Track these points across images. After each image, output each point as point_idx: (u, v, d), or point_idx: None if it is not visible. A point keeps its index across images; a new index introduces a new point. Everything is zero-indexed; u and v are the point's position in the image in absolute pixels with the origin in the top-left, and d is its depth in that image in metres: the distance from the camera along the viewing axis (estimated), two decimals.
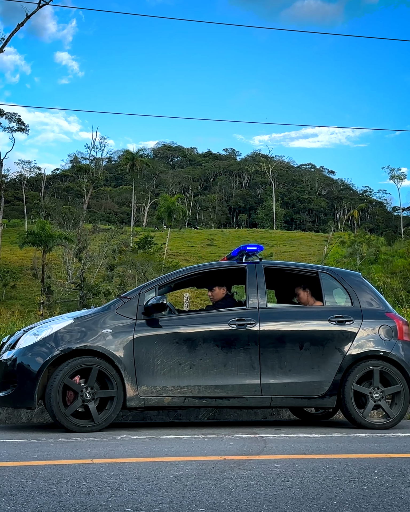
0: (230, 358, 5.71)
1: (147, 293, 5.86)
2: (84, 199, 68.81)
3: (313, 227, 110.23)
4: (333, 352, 5.91)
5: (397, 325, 6.16)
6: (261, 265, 6.26)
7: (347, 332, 5.99)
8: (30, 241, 42.88)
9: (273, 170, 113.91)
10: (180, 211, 67.97)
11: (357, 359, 5.92)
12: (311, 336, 5.92)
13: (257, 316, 5.87)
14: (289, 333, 5.90)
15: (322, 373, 5.85)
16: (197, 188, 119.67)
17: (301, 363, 5.83)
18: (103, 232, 57.64)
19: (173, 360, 5.62)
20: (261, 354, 5.76)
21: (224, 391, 5.66)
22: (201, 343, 5.70)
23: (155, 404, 5.56)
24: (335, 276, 6.41)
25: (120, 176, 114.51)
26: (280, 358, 5.81)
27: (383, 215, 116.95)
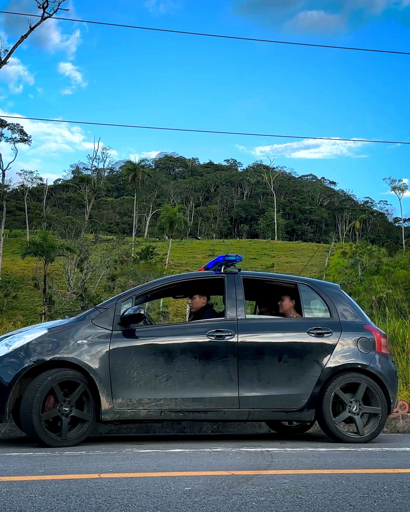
0: (207, 370, 5.62)
1: (124, 303, 5.74)
2: (86, 210, 68.98)
3: (315, 237, 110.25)
4: (312, 365, 5.84)
5: (375, 337, 6.11)
6: (240, 275, 6.17)
7: (326, 344, 5.92)
8: (32, 252, 42.91)
9: (274, 180, 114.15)
10: (182, 221, 68.04)
11: (336, 372, 5.86)
12: (290, 348, 5.85)
13: (235, 327, 5.78)
14: (268, 345, 5.83)
15: (300, 386, 5.77)
16: (198, 198, 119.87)
17: (279, 375, 5.76)
18: (104, 243, 57.64)
19: (150, 372, 5.51)
20: (239, 366, 5.68)
21: (201, 404, 5.57)
22: (179, 354, 5.61)
23: (131, 417, 5.45)
24: (314, 287, 6.34)
25: (122, 186, 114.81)
26: (259, 370, 5.73)
27: (385, 226, 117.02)
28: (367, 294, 49.09)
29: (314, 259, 73.50)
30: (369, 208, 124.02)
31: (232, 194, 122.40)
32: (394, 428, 7.52)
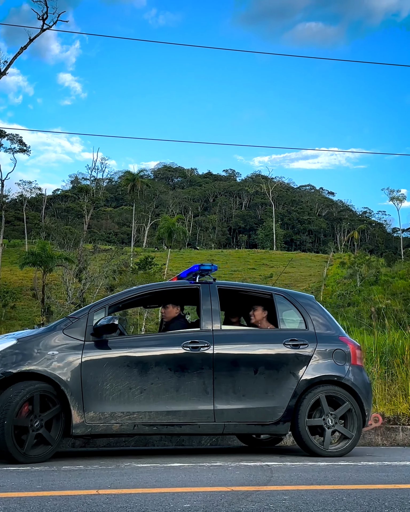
0: (182, 383, 5.48)
1: (97, 312, 5.57)
2: (85, 220, 68.95)
3: (313, 248, 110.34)
4: (288, 377, 5.74)
5: (350, 349, 6.05)
6: (215, 285, 6.05)
7: (302, 356, 5.83)
8: (30, 262, 42.91)
9: (272, 191, 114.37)
10: (181, 231, 68.11)
11: (312, 384, 5.77)
12: (266, 360, 5.75)
13: (211, 338, 5.67)
14: (244, 356, 5.72)
15: (276, 399, 5.67)
16: (197, 208, 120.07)
17: (255, 388, 5.64)
18: (103, 253, 57.64)
19: (124, 385, 5.35)
20: (215, 379, 5.56)
21: (175, 417, 5.42)
22: (153, 366, 5.46)
23: (103, 431, 5.28)
24: (289, 298, 6.25)
25: (120, 196, 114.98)
26: (234, 382, 5.61)
27: (383, 236, 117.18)
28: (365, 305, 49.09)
29: (313, 269, 73.54)
30: (368, 219, 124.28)
31: (231, 204, 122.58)
32: (393, 441, 7.48)
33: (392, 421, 7.74)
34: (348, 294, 56.52)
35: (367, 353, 9.61)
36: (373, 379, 8.66)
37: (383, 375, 8.97)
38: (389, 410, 7.92)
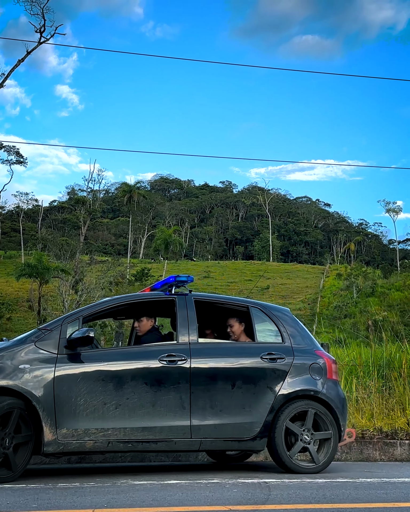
0: (159, 398, 5.32)
1: (70, 324, 5.39)
2: (81, 231, 69.00)
3: (309, 259, 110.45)
4: (265, 391, 5.64)
5: (327, 363, 5.99)
6: (191, 297, 5.92)
7: (279, 370, 5.74)
8: (26, 273, 42.85)
9: (269, 202, 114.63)
10: (177, 243, 68.18)
11: (289, 399, 5.68)
12: (243, 374, 5.64)
13: (188, 352, 5.53)
14: (221, 370, 5.59)
15: (253, 414, 5.57)
16: (194, 220, 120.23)
17: (232, 402, 5.52)
18: (100, 264, 57.54)
19: (98, 400, 5.17)
20: (192, 393, 5.42)
21: (151, 433, 5.27)
22: (129, 380, 5.29)
23: (76, 449, 5.10)
24: (266, 311, 6.16)
25: (117, 208, 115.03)
26: (211, 397, 5.48)
27: (379, 247, 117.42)
28: (362, 316, 49.09)
29: (309, 281, 73.55)
30: (364, 230, 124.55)
31: (227, 215, 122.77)
32: (392, 456, 7.44)
33: (390, 435, 7.70)
34: (344, 305, 56.51)
35: (365, 366, 9.58)
36: (371, 392, 8.62)
37: (381, 389, 8.92)
38: (387, 424, 7.87)
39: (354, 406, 8.34)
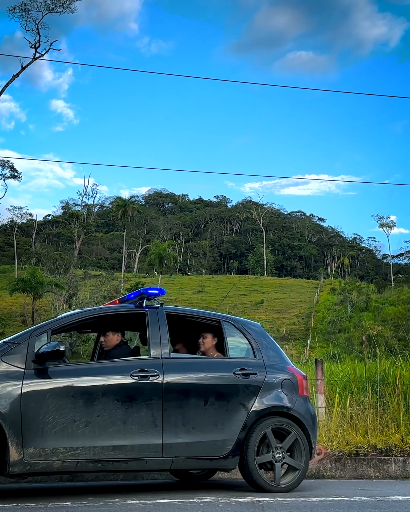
0: (130, 415, 5.13)
1: (39, 337, 5.16)
2: (75, 245, 68.96)
3: (304, 274, 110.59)
4: (238, 408, 5.51)
5: (298, 379, 5.93)
6: (163, 310, 5.76)
7: (252, 386, 5.63)
8: (20, 288, 42.73)
9: (263, 217, 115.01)
10: (171, 257, 68.15)
11: (261, 416, 5.57)
12: (216, 391, 5.50)
13: (160, 367, 5.36)
14: (194, 386, 5.44)
15: (226, 431, 5.42)
16: (188, 234, 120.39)
17: (205, 420, 5.37)
18: (94, 278, 57.52)
19: (67, 417, 4.93)
20: (164, 410, 5.24)
21: (122, 452, 5.07)
22: (100, 397, 5.07)
23: (43, 469, 4.85)
24: (237, 325, 6.06)
25: (111, 222, 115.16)
26: (184, 414, 5.32)
27: (373, 262, 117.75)
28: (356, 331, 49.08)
29: (304, 295, 73.58)
30: (358, 245, 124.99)
31: (222, 230, 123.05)
32: (386, 473, 7.40)
33: (384, 452, 7.65)
34: (338, 320, 56.53)
35: (359, 382, 9.55)
36: (365, 408, 8.59)
37: (375, 405, 8.89)
38: (381, 441, 7.83)
39: (348, 422, 8.30)
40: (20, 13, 41.52)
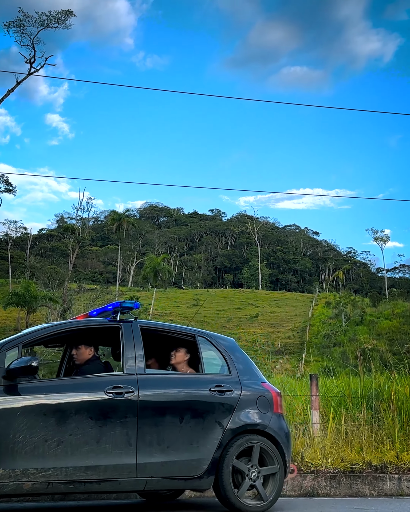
0: (104, 433, 4.93)
1: (9, 352, 4.97)
2: (70, 259, 68.80)
3: (299, 287, 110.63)
4: (213, 426, 5.36)
5: (273, 396, 5.82)
6: (137, 324, 5.59)
7: (227, 403, 5.48)
8: (14, 302, 42.55)
9: (258, 230, 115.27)
10: (166, 271, 68.12)
11: (236, 434, 5.43)
12: (192, 408, 5.34)
13: (135, 383, 5.17)
14: (170, 403, 5.28)
15: (201, 450, 5.25)
16: (183, 248, 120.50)
17: (180, 438, 5.20)
18: (88, 292, 57.38)
19: (39, 436, 4.71)
20: (139, 428, 5.05)
21: (95, 473, 4.84)
22: (73, 415, 4.85)
23: (12, 491, 4.62)
24: (212, 341, 5.92)
25: (106, 235, 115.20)
26: (159, 432, 5.13)
27: (368, 276, 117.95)
28: (351, 345, 49.01)
29: (299, 309, 73.53)
30: (352, 258, 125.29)
31: (216, 243, 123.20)
32: (381, 491, 7.32)
33: (379, 469, 7.58)
34: (333, 334, 56.47)
35: (354, 397, 9.50)
36: (360, 425, 8.53)
37: (370, 421, 8.83)
38: (376, 458, 7.76)
39: (343, 438, 8.24)
40: (16, 29, 41.79)
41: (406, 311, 60.53)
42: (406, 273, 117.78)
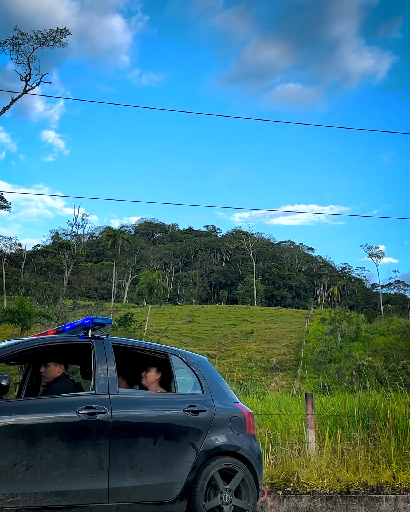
0: (75, 456, 4.67)
1: None
2: (65, 275, 68.68)
3: (294, 303, 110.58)
4: (187, 448, 5.19)
5: (245, 416, 5.72)
6: (109, 341, 5.38)
7: (201, 424, 5.34)
8: (8, 319, 42.34)
9: (253, 246, 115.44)
10: (161, 287, 68.11)
11: (210, 456, 5.28)
12: (166, 429, 5.16)
13: (108, 403, 4.95)
14: (144, 425, 5.07)
15: (174, 473, 5.07)
16: (178, 264, 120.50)
17: (153, 461, 5.00)
18: (83, 309, 57.20)
19: (7, 460, 4.43)
20: (111, 451, 4.82)
21: (65, 499, 4.59)
22: (44, 437, 4.60)
23: None
24: (185, 359, 5.80)
25: (101, 252, 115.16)
26: (132, 455, 4.92)
27: (363, 292, 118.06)
28: (346, 361, 48.88)
29: (294, 325, 73.41)
30: (347, 274, 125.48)
31: (211, 259, 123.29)
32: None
33: (375, 490, 7.53)
34: (329, 350, 56.32)
35: (349, 416, 9.45)
36: (356, 444, 8.47)
37: (366, 440, 8.78)
38: (373, 478, 7.71)
39: (339, 458, 8.18)
40: (11, 47, 42.09)
41: (401, 327, 60.51)
42: (401, 289, 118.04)
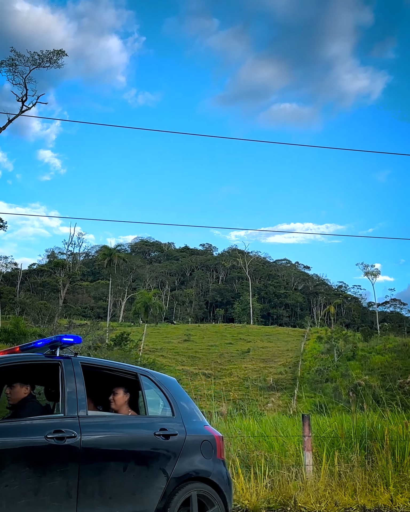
0: (43, 484, 4.42)
1: None
2: (60, 294, 68.53)
3: (290, 322, 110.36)
4: (158, 474, 5.03)
5: (216, 440, 5.62)
6: (78, 360, 5.15)
7: (172, 449, 5.19)
8: (2, 339, 42.16)
9: (249, 265, 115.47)
10: (157, 306, 67.97)
11: (181, 482, 5.14)
12: (137, 454, 4.98)
13: (77, 427, 4.71)
14: (114, 450, 4.86)
15: (144, 501, 4.91)
16: (174, 282, 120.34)
17: (123, 488, 4.82)
18: (78, 328, 56.86)
19: None
20: (80, 478, 4.59)
21: None
22: (10, 463, 4.31)
23: None
24: (155, 380, 5.64)
25: (97, 270, 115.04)
26: (101, 482, 4.71)
27: (359, 310, 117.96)
28: (343, 380, 48.66)
29: (290, 344, 73.19)
30: (343, 293, 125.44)
31: (207, 278, 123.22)
32: None
33: None
34: (325, 369, 56.08)
35: (347, 437, 9.38)
36: (353, 466, 8.38)
37: (363, 462, 8.69)
38: (370, 501, 7.64)
39: (336, 481, 8.10)
40: (8, 68, 42.42)
41: (398, 345, 60.37)
42: (397, 307, 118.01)
